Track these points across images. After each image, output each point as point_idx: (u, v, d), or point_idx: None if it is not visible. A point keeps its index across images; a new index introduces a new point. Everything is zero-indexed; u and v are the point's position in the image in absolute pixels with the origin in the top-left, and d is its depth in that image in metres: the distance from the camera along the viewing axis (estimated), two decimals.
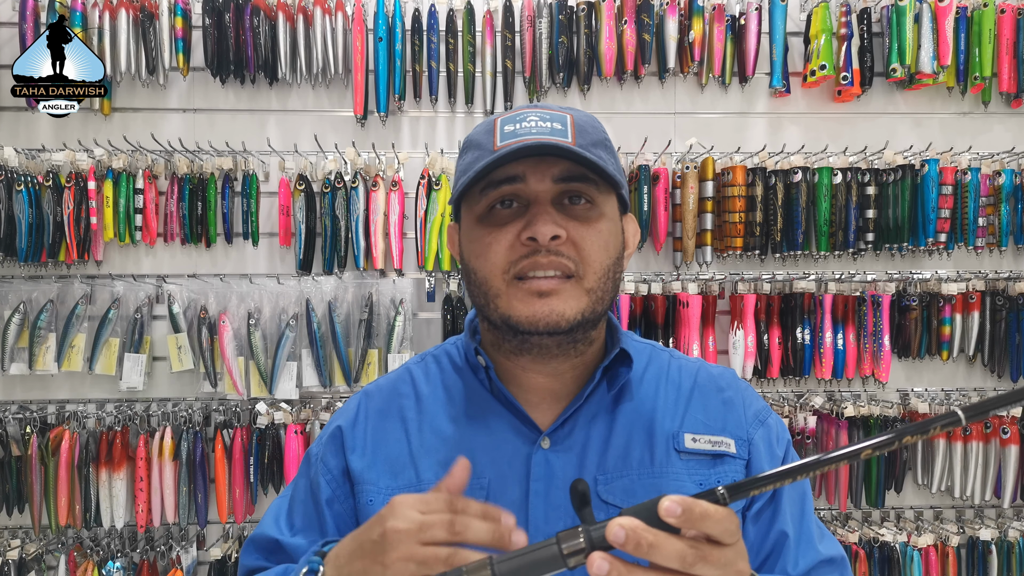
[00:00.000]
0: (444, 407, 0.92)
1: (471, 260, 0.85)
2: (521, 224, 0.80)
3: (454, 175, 0.91)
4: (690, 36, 2.55)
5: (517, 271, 0.80)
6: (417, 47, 2.54)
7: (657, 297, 2.53)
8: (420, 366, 0.98)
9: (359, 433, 0.92)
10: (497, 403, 0.89)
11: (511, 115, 0.84)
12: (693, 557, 0.53)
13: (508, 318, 0.81)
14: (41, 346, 2.47)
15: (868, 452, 0.56)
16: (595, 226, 0.82)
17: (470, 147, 0.87)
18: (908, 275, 2.65)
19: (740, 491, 0.55)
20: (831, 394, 2.67)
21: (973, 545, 2.60)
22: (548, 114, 0.83)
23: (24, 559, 2.42)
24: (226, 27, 2.45)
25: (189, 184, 2.49)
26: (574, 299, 0.80)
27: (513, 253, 0.80)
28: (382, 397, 0.96)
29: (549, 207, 0.80)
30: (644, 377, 0.93)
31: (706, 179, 2.52)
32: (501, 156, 0.78)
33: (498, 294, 0.82)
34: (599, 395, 0.89)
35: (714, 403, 0.92)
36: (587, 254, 0.80)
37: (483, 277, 0.82)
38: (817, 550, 0.87)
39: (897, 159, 2.58)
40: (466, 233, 0.86)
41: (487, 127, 0.85)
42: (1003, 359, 2.63)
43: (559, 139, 0.79)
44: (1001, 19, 2.58)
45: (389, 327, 2.50)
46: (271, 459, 2.45)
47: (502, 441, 0.87)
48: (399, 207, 2.49)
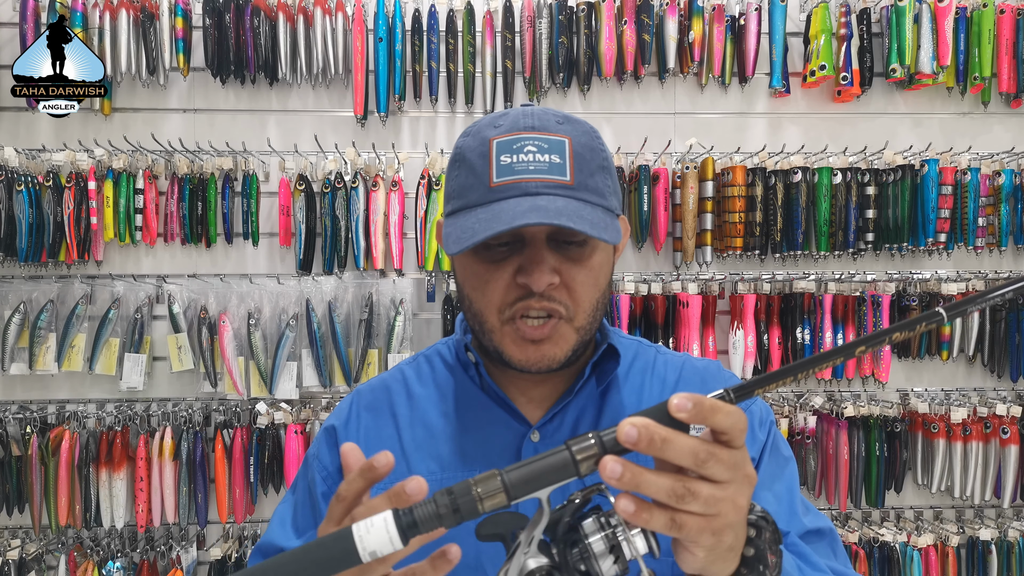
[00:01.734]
0: (436, 404, 0.93)
1: (467, 289, 0.86)
2: (516, 264, 0.80)
3: (445, 188, 0.89)
4: (690, 36, 2.55)
5: (511, 313, 0.82)
6: (417, 47, 2.54)
7: (657, 297, 2.53)
8: (412, 366, 1.00)
9: (352, 431, 0.94)
10: (487, 398, 0.91)
11: (507, 139, 0.80)
12: (705, 453, 0.53)
13: (501, 354, 0.84)
14: (41, 346, 2.47)
15: (862, 349, 0.56)
16: (587, 264, 0.82)
17: (462, 164, 0.84)
18: (908, 275, 2.65)
19: (745, 391, 0.55)
20: (831, 394, 2.67)
21: (973, 545, 2.60)
22: (546, 142, 0.80)
23: (24, 559, 2.42)
24: (226, 27, 2.45)
25: (189, 184, 2.49)
26: (564, 340, 0.82)
27: (508, 295, 0.81)
28: (373, 396, 0.97)
29: (544, 250, 0.80)
30: (630, 372, 0.94)
31: (706, 179, 2.53)
32: (493, 234, 0.75)
33: (492, 329, 0.84)
34: (588, 390, 0.91)
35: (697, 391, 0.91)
36: (579, 296, 0.82)
37: (479, 308, 0.84)
38: (801, 522, 0.87)
39: (897, 159, 2.58)
40: (461, 257, 0.86)
41: (481, 147, 0.82)
42: (1003, 359, 2.63)
43: (557, 178, 0.79)
44: (1001, 19, 2.59)
45: (389, 327, 2.50)
46: (271, 459, 2.45)
47: (492, 435, 0.89)
48: (399, 207, 2.49)
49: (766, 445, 0.90)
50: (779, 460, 0.91)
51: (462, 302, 0.89)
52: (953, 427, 2.54)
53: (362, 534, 0.53)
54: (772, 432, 0.92)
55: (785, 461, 0.92)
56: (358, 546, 0.53)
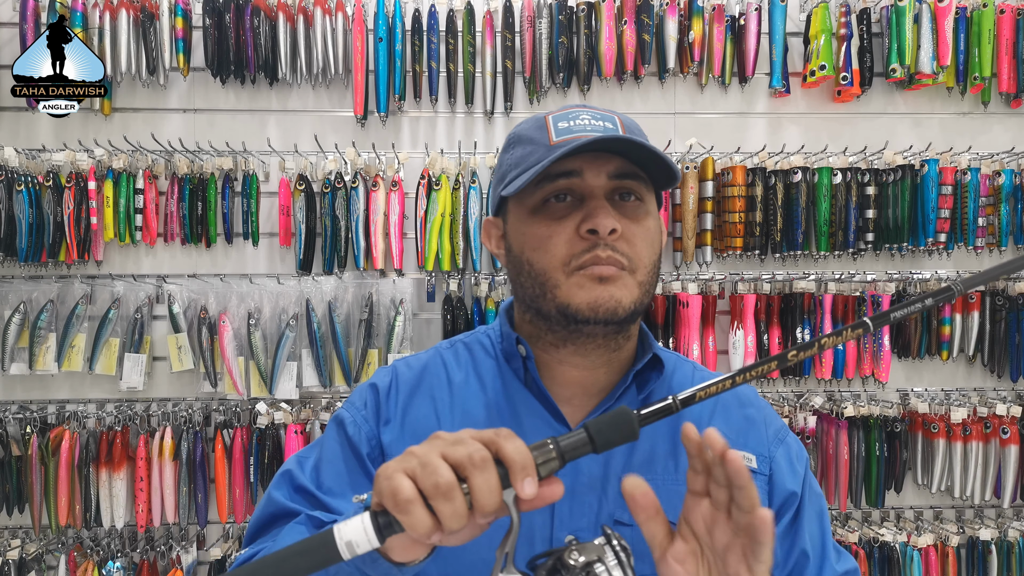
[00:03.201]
0: (476, 393, 0.92)
1: (527, 252, 0.86)
2: (579, 217, 0.82)
3: (499, 169, 0.93)
4: (690, 36, 2.55)
5: (579, 263, 0.82)
6: (417, 47, 2.54)
7: (657, 297, 2.53)
8: (451, 351, 0.98)
9: (392, 405, 0.93)
10: (529, 394, 0.90)
11: (563, 112, 0.87)
12: None
13: (567, 307, 0.83)
14: (41, 346, 2.47)
15: (793, 354, 0.63)
16: (644, 223, 0.85)
17: (519, 142, 0.89)
18: (908, 275, 2.65)
19: (689, 398, 0.62)
20: (831, 394, 2.67)
21: (973, 545, 2.60)
22: (599, 113, 0.86)
23: (24, 559, 2.42)
24: (226, 27, 2.45)
25: (189, 184, 2.49)
26: (628, 289, 0.82)
27: (574, 246, 0.82)
28: (413, 375, 0.96)
29: (605, 202, 0.82)
30: (671, 385, 0.94)
31: (706, 179, 2.53)
32: (567, 150, 0.80)
33: (557, 284, 0.83)
34: (628, 397, 0.91)
35: (736, 417, 0.94)
36: (638, 250, 0.83)
37: (541, 268, 0.84)
38: (835, 569, 0.90)
39: (897, 159, 2.58)
40: (517, 226, 0.88)
41: (538, 123, 0.88)
42: (1003, 359, 2.63)
43: (613, 134, 0.82)
44: (1000, 19, 2.59)
45: (389, 327, 2.50)
46: (271, 459, 2.45)
47: (531, 432, 0.87)
48: (399, 207, 2.49)
49: (805, 481, 0.92)
50: (816, 500, 0.93)
51: (519, 272, 0.87)
52: (953, 427, 2.54)
53: (341, 527, 0.57)
54: (807, 471, 0.94)
55: (819, 499, 0.94)
56: (336, 537, 0.56)
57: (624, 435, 0.59)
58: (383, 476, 0.58)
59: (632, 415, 0.60)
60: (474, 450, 0.56)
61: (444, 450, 0.57)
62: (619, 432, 0.59)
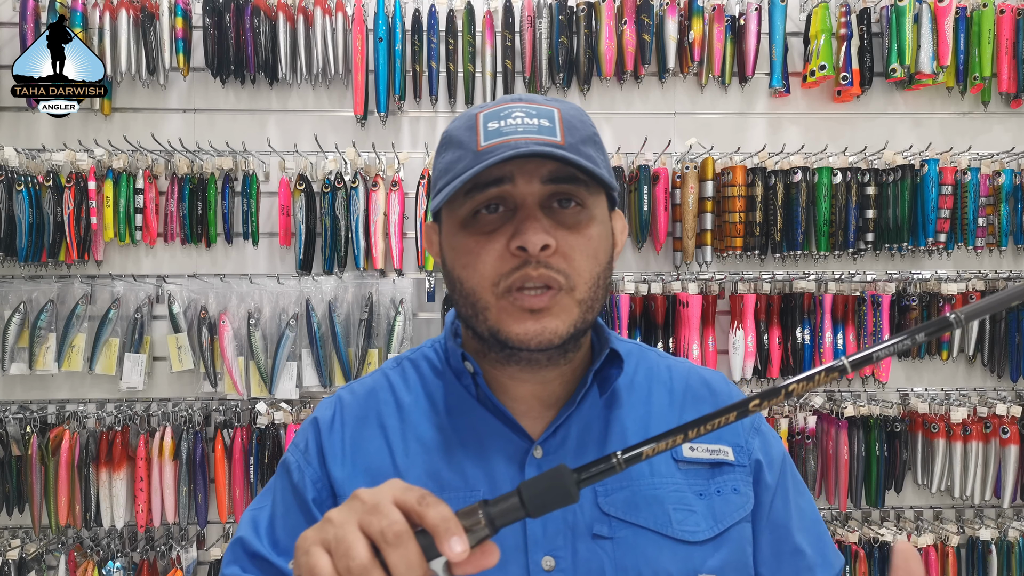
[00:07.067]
0: (427, 415, 0.86)
1: (456, 269, 0.79)
2: (509, 232, 0.75)
3: (432, 173, 0.85)
4: (690, 36, 2.55)
5: (507, 284, 0.75)
6: (417, 47, 2.54)
7: (657, 297, 2.53)
8: (397, 371, 0.91)
9: (336, 439, 0.86)
10: (484, 411, 0.84)
11: (494, 110, 0.78)
12: None
13: (497, 332, 0.77)
14: (41, 346, 2.47)
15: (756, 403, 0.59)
16: (585, 233, 0.77)
17: (450, 144, 0.80)
18: (908, 275, 2.65)
19: (635, 456, 0.57)
20: (831, 394, 2.67)
21: (973, 545, 2.60)
22: (534, 109, 0.77)
23: (24, 559, 2.42)
24: (226, 27, 2.45)
25: (189, 184, 2.49)
26: (565, 312, 0.76)
27: (503, 265, 0.75)
28: (358, 403, 0.89)
29: (538, 212, 0.75)
30: (635, 380, 0.89)
31: (706, 179, 2.53)
32: (492, 162, 0.72)
33: (487, 307, 0.77)
34: (591, 400, 0.85)
35: (708, 410, 0.90)
36: (577, 265, 0.76)
37: (471, 288, 0.77)
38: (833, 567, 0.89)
39: (897, 159, 2.58)
40: (449, 238, 0.81)
41: (468, 123, 0.79)
42: (1003, 359, 2.63)
43: (547, 138, 0.74)
44: (1001, 19, 2.59)
45: (389, 327, 2.50)
46: (271, 459, 2.45)
47: (492, 450, 0.82)
48: (399, 207, 2.49)
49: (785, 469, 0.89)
50: (804, 495, 0.90)
51: (452, 289, 0.80)
52: (953, 427, 2.54)
53: None
54: (786, 459, 0.90)
55: (809, 497, 0.91)
56: None
57: (561, 498, 0.55)
58: (301, 550, 0.55)
59: (570, 477, 0.56)
60: (388, 524, 0.52)
61: (361, 520, 0.54)
62: (556, 496, 0.55)
